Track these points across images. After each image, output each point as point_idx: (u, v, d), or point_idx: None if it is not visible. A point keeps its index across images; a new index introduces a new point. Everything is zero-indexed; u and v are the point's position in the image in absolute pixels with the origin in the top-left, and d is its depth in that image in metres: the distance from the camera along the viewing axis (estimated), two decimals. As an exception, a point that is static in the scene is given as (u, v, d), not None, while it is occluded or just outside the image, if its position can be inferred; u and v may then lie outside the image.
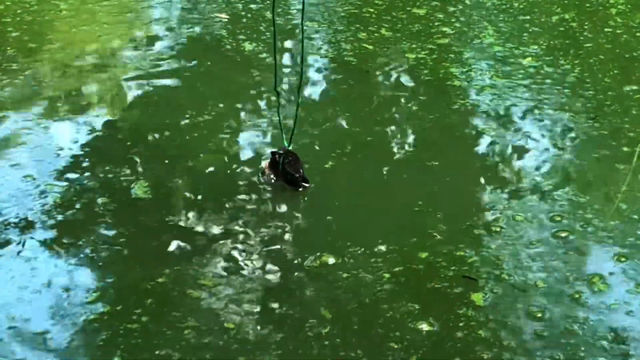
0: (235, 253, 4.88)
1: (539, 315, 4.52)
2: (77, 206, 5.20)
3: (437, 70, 6.81)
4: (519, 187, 5.48)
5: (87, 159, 5.64)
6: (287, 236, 5.05)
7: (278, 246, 4.96)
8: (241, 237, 5.00)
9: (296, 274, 4.75)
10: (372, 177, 5.57)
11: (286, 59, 6.93)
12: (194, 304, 4.51)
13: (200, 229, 5.05)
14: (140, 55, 6.93)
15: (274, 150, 5.44)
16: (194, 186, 5.39)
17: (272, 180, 5.38)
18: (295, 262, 4.83)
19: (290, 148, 5.41)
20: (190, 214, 5.16)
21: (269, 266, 4.81)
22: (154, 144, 5.82)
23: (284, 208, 5.29)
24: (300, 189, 5.33)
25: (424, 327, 4.42)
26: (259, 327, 4.41)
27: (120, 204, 5.23)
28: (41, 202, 5.20)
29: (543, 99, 6.43)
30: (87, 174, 5.49)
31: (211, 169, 5.57)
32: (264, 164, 5.47)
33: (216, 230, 5.05)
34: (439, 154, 5.78)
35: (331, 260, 4.81)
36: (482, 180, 5.55)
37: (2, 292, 4.58)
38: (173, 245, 4.92)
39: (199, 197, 5.31)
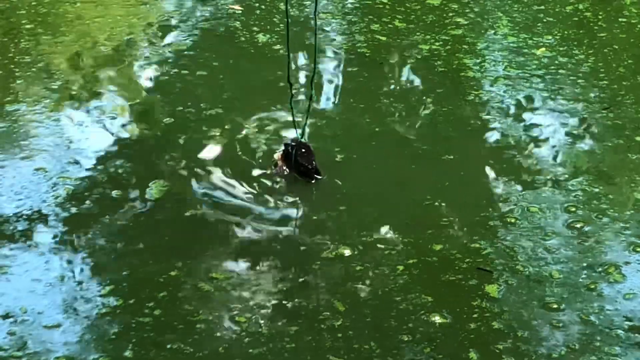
0: (247, 246, 4.87)
1: (555, 306, 4.51)
2: (90, 199, 5.20)
3: (450, 61, 6.78)
4: (533, 178, 5.45)
5: (99, 152, 5.64)
6: (299, 228, 5.04)
7: (291, 238, 4.95)
8: (254, 229, 4.99)
9: (309, 266, 4.74)
10: (385, 168, 5.55)
11: (300, 50, 6.90)
12: (206, 297, 4.51)
13: (212, 221, 5.05)
14: (155, 47, 6.91)
15: (286, 142, 5.43)
16: (206, 178, 5.38)
17: (285, 172, 5.36)
18: (309, 254, 4.82)
19: (303, 140, 5.39)
20: (203, 207, 5.15)
21: (282, 258, 4.80)
22: (167, 136, 5.81)
23: (296, 200, 5.27)
24: (313, 181, 5.32)
25: (438, 319, 4.41)
26: (271, 320, 4.40)
27: (133, 197, 5.22)
28: (54, 195, 5.20)
29: (557, 89, 6.40)
30: (99, 167, 5.48)
31: (224, 161, 5.55)
32: (277, 155, 5.45)
33: (229, 222, 5.04)
34: (453, 146, 5.76)
35: (347, 252, 4.80)
36: (496, 172, 5.52)
37: (15, 284, 4.59)
38: (185, 238, 4.92)
39: (212, 189, 5.30)
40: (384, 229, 4.97)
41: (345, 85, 6.54)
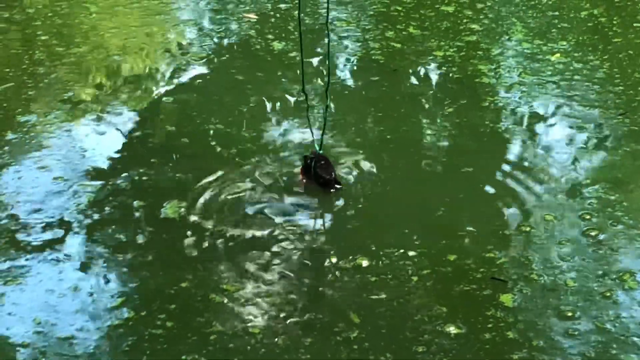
0: (259, 257, 4.86)
1: (570, 314, 4.48)
2: (104, 210, 5.21)
3: (465, 67, 6.76)
4: (549, 186, 5.42)
5: (111, 162, 5.64)
6: (314, 238, 5.03)
7: (305, 249, 4.94)
8: (266, 240, 4.98)
9: (324, 276, 4.73)
10: (400, 177, 5.54)
11: (315, 58, 6.90)
12: (218, 309, 4.50)
13: (225, 232, 5.04)
14: (169, 57, 6.93)
15: (306, 154, 5.45)
16: (221, 189, 5.38)
17: (304, 183, 5.38)
18: (324, 264, 4.81)
19: (322, 151, 5.42)
20: (216, 217, 5.15)
21: (297, 269, 4.79)
22: (182, 146, 5.81)
23: (311, 211, 5.26)
24: (333, 190, 5.33)
25: (452, 329, 4.38)
26: (286, 331, 4.39)
27: (146, 208, 5.22)
28: (70, 205, 5.21)
29: (572, 95, 6.37)
30: (113, 178, 5.48)
31: (240, 172, 5.54)
32: (297, 170, 5.47)
33: (243, 233, 5.03)
34: (468, 153, 5.74)
35: (363, 263, 4.79)
36: (511, 179, 5.49)
37: (30, 295, 4.60)
38: (197, 250, 4.91)
39: (227, 200, 5.29)
40: (398, 239, 4.95)
41: (360, 93, 6.54)
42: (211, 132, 5.94)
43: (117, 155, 5.72)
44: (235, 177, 5.48)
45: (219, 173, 5.49)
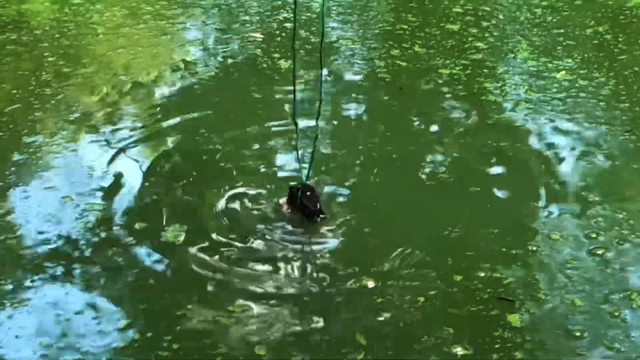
0: (265, 279, 4.85)
1: (578, 334, 4.46)
2: (111, 230, 5.21)
3: (471, 85, 6.77)
4: (555, 205, 5.41)
5: (118, 182, 5.64)
6: (321, 260, 5.02)
7: (312, 270, 4.93)
8: (274, 261, 4.97)
9: (331, 298, 4.72)
10: (406, 196, 5.53)
11: (323, 77, 6.90)
12: (224, 331, 4.49)
13: (231, 254, 5.03)
14: (176, 77, 6.95)
15: (292, 184, 5.44)
16: (226, 212, 5.37)
17: (288, 213, 5.38)
18: (330, 286, 4.80)
19: (308, 182, 5.40)
20: (221, 239, 5.14)
21: (302, 290, 4.78)
22: (188, 166, 5.81)
23: (317, 231, 5.25)
24: (318, 220, 5.32)
25: (459, 350, 4.37)
26: (292, 353, 4.38)
27: (151, 230, 5.22)
28: (81, 223, 5.22)
29: (578, 113, 6.37)
30: (119, 198, 5.49)
31: (245, 193, 5.53)
32: (282, 200, 5.46)
33: (249, 255, 5.03)
34: (474, 172, 5.74)
35: (370, 284, 4.78)
36: (517, 199, 5.48)
37: (36, 317, 4.59)
38: (202, 271, 4.90)
39: (232, 222, 5.29)
40: (405, 260, 4.94)
41: (365, 111, 6.54)
42: (217, 152, 5.95)
43: (123, 176, 5.72)
44: (241, 199, 5.48)
45: (226, 194, 5.50)
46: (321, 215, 5.33)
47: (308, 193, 5.34)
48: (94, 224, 5.24)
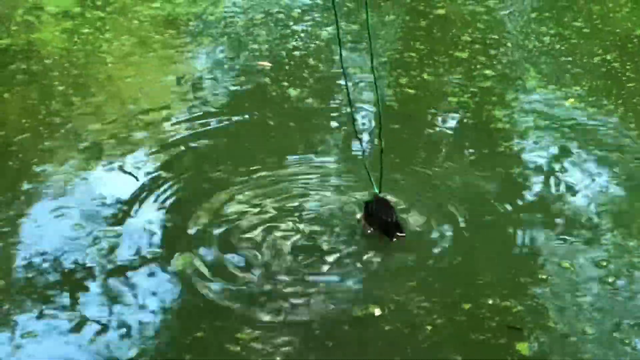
0: (275, 306, 4.85)
1: (588, 363, 4.46)
2: (119, 259, 5.22)
3: (480, 113, 6.77)
4: (565, 233, 5.40)
5: (128, 211, 5.65)
6: (326, 287, 5.01)
7: (319, 297, 4.92)
8: (281, 289, 4.96)
9: (338, 325, 4.71)
10: (415, 224, 5.53)
11: (333, 104, 6.92)
12: (233, 358, 4.48)
13: (239, 281, 5.03)
14: (185, 105, 6.96)
15: (366, 200, 5.43)
16: (234, 237, 5.38)
17: (369, 231, 5.36)
18: (338, 313, 4.79)
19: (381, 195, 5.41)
20: (229, 267, 5.14)
21: (310, 318, 4.77)
22: (197, 194, 5.82)
23: (322, 259, 5.24)
24: (394, 239, 5.29)
25: (467, 379, 4.37)
26: (300, 382, 4.39)
27: (161, 258, 5.23)
28: (93, 251, 5.23)
29: (587, 140, 6.37)
30: (128, 225, 5.50)
31: (253, 221, 5.53)
32: (359, 216, 5.45)
33: (256, 283, 5.03)
34: (482, 201, 5.73)
35: (377, 311, 4.77)
36: (527, 227, 5.47)
37: (46, 346, 4.60)
38: (211, 299, 4.90)
39: (237, 252, 5.29)
40: (412, 287, 4.94)
41: (374, 138, 6.53)
42: (226, 179, 5.95)
43: (133, 203, 5.73)
44: (249, 227, 5.48)
45: (234, 222, 5.50)
46: (399, 234, 5.28)
47: (383, 206, 5.30)
48: (105, 252, 5.25)
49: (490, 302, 4.81)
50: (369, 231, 5.36)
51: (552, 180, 5.94)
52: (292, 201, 5.69)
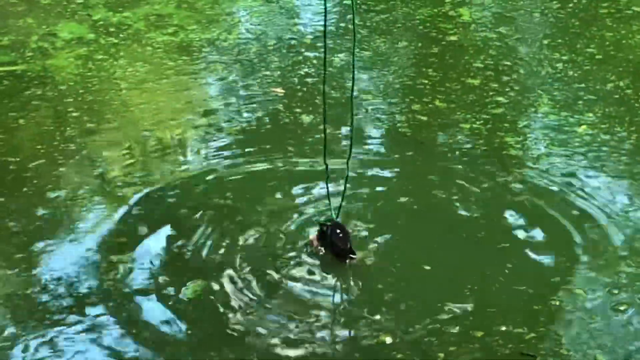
0: (286, 332, 4.85)
1: (601, 390, 4.46)
2: (130, 285, 5.24)
3: (492, 139, 6.78)
4: (578, 260, 5.40)
5: (142, 237, 5.67)
6: (338, 314, 5.01)
7: (329, 324, 4.93)
8: (291, 317, 4.97)
9: (350, 354, 4.71)
10: (424, 251, 5.53)
11: (343, 130, 6.94)
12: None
13: (250, 308, 5.04)
14: (199, 132, 6.98)
15: (321, 222, 5.46)
16: (248, 257, 5.39)
17: (320, 252, 5.39)
18: (348, 341, 4.80)
19: (339, 219, 5.43)
20: (240, 291, 5.15)
21: (320, 345, 4.77)
22: (209, 223, 5.83)
23: (334, 284, 5.25)
24: (348, 261, 5.32)
25: (480, 408, 4.37)
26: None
27: (172, 286, 5.24)
28: (105, 277, 5.25)
29: (601, 167, 6.37)
30: (141, 252, 5.52)
31: (264, 247, 5.55)
32: (312, 236, 5.48)
33: (269, 308, 5.03)
34: (495, 227, 5.74)
35: (388, 340, 4.77)
36: (539, 254, 5.48)
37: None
38: (221, 327, 4.91)
39: (248, 275, 5.30)
40: (424, 315, 4.94)
41: (387, 165, 6.54)
42: (239, 206, 5.97)
43: (147, 230, 5.75)
44: (262, 253, 5.49)
45: (242, 248, 5.52)
46: (351, 256, 5.32)
47: (338, 231, 5.34)
48: (119, 278, 5.27)
49: (503, 328, 4.81)
50: (320, 253, 5.37)
51: (564, 207, 5.94)
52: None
